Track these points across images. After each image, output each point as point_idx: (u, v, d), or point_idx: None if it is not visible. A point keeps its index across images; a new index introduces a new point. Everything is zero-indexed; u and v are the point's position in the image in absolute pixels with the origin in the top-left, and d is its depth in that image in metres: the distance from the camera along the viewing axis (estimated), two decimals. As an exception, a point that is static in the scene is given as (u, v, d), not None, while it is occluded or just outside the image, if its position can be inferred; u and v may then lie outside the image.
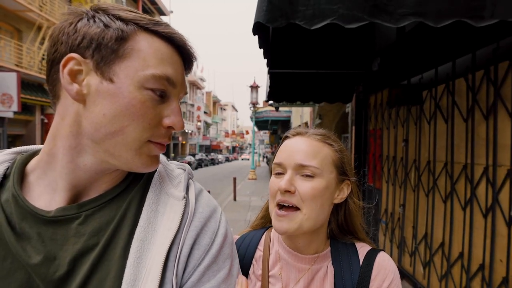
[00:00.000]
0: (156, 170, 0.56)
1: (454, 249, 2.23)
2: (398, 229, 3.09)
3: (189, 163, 22.79)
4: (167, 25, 0.50)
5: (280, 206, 0.69)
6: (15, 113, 9.70)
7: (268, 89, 3.78)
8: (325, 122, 7.83)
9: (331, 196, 0.71)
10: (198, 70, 41.76)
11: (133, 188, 0.53)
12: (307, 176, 0.68)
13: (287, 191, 0.67)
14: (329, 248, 0.74)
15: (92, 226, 0.48)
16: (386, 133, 3.50)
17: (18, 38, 10.88)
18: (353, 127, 4.45)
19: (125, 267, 0.46)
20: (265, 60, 2.49)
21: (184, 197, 0.52)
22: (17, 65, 10.14)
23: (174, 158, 24.63)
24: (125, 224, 0.49)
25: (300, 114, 11.47)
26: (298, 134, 0.75)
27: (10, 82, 8.85)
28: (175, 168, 0.58)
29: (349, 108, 5.60)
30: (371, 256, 0.70)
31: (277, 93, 4.15)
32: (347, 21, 1.50)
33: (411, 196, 2.85)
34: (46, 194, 0.51)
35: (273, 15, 1.50)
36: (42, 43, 11.39)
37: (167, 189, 0.53)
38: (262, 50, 2.03)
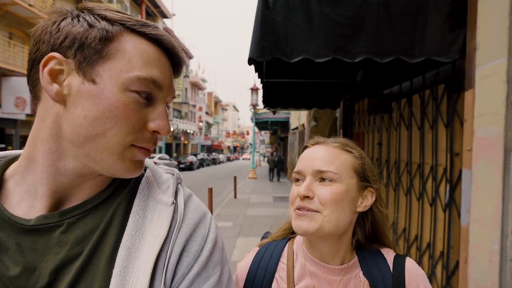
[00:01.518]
0: (143, 175, 0.55)
1: (412, 233, 2.73)
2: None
3: (191, 163, 23.28)
4: (155, 27, 0.49)
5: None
6: (27, 115, 10.26)
7: (263, 98, 4.29)
8: (320, 124, 8.33)
9: (353, 202, 0.70)
10: (200, 71, 42.28)
11: (120, 194, 0.51)
12: (326, 180, 0.68)
13: (305, 197, 0.68)
14: (356, 258, 0.73)
15: (75, 234, 0.47)
16: (367, 137, 4.01)
17: (29, 43, 11.43)
18: (341, 131, 4.96)
19: (111, 277, 0.44)
20: (259, 73, 3.00)
21: (173, 203, 0.51)
22: (29, 70, 10.68)
23: (177, 158, 25.10)
24: (111, 232, 0.48)
25: (298, 116, 11.98)
26: (317, 143, 0.76)
27: (24, 86, 9.40)
28: (163, 173, 0.57)
29: (338, 113, 6.10)
30: (399, 262, 0.71)
31: (271, 100, 4.66)
32: (316, 56, 2.01)
33: (384, 191, 3.36)
34: (25, 201, 0.49)
35: (262, 52, 2.01)
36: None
37: (155, 194, 0.52)
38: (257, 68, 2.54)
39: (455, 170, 2.10)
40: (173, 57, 0.52)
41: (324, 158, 0.70)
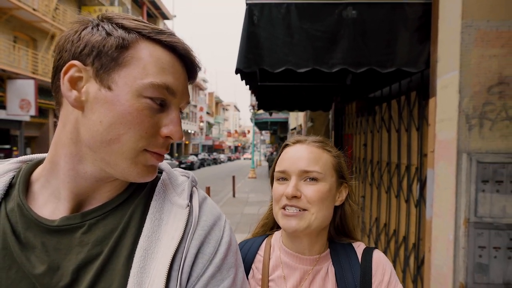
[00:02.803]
0: (159, 178, 0.56)
1: (391, 228, 2.95)
2: (360, 216, 3.82)
3: (192, 163, 23.52)
4: (170, 34, 0.50)
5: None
6: (31, 116, 10.53)
7: (257, 101, 4.50)
8: (316, 125, 8.54)
9: (333, 198, 0.75)
10: (201, 71, 42.41)
11: (137, 196, 0.53)
12: (311, 180, 0.72)
13: (293, 197, 0.71)
14: (328, 250, 0.78)
15: (96, 235, 0.49)
16: (355, 138, 4.23)
17: (33, 47, 11.70)
18: (333, 132, 5.18)
19: (128, 277, 0.46)
20: (246, 81, 3.22)
21: (188, 205, 0.52)
22: (33, 73, 10.94)
23: (178, 158, 25.34)
24: (129, 233, 0.49)
25: (296, 117, 12.22)
26: (297, 142, 0.78)
27: (28, 89, 9.68)
28: (179, 176, 0.58)
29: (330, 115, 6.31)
30: (368, 254, 0.75)
31: (266, 102, 4.87)
32: (297, 67, 2.23)
33: (369, 189, 3.58)
34: (50, 203, 0.51)
35: (248, 64, 2.23)
36: (55, 51, 12.23)
37: (171, 197, 0.53)
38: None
39: (424, 169, 2.32)
40: (188, 63, 0.53)
41: (309, 158, 0.73)
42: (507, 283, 1.71)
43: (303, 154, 0.74)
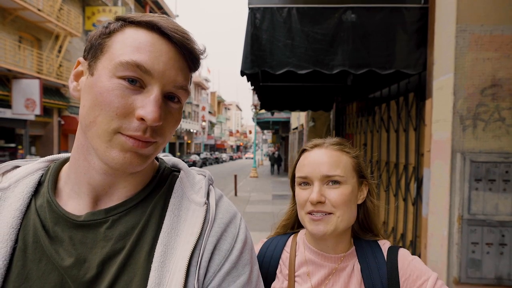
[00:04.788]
0: (177, 177, 0.58)
1: (390, 226, 3.02)
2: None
3: (194, 162, 23.61)
4: (153, 16, 0.50)
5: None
6: (35, 116, 10.66)
7: (259, 101, 4.58)
8: (317, 125, 8.60)
9: (355, 198, 0.76)
10: (204, 71, 42.64)
11: (156, 194, 0.55)
12: (333, 183, 0.73)
13: (318, 202, 0.72)
14: (353, 247, 0.78)
15: (119, 230, 0.50)
16: (355, 138, 4.29)
17: (38, 47, 11.80)
18: (334, 131, 5.24)
19: (149, 271, 0.48)
20: (252, 82, 3.29)
21: (205, 203, 0.53)
22: (38, 72, 11.06)
23: (180, 157, 25.45)
24: (149, 229, 0.51)
25: (297, 117, 12.29)
26: (316, 146, 0.79)
27: (34, 88, 9.80)
28: (196, 174, 0.60)
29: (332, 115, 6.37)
30: (393, 252, 0.75)
31: (267, 102, 4.94)
32: (298, 69, 2.30)
33: (368, 188, 3.65)
34: (72, 199, 0.53)
35: (251, 65, 2.31)
36: (59, 51, 12.32)
37: (189, 194, 0.55)
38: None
39: (421, 168, 2.38)
40: (178, 43, 0.49)
41: (329, 163, 0.74)
42: (499, 278, 1.78)
43: (323, 158, 0.75)
